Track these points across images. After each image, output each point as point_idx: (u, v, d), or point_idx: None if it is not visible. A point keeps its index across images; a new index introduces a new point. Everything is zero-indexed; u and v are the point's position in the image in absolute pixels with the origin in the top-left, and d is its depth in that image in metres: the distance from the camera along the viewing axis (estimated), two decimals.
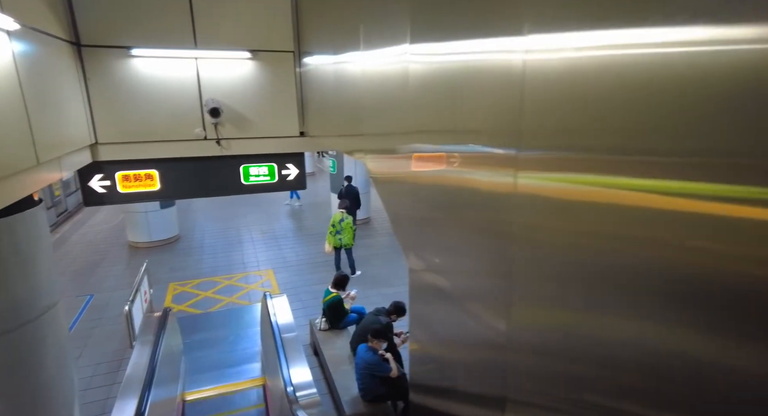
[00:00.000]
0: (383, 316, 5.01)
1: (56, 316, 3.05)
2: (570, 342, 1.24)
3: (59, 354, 3.10)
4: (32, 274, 2.83)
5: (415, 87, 2.07)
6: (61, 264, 8.89)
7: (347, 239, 8.19)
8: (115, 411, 3.52)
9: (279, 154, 4.85)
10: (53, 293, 3.03)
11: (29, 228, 2.82)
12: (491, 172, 1.61)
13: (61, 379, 3.14)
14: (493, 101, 1.49)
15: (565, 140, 1.14)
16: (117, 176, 4.35)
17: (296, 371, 3.97)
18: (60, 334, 3.12)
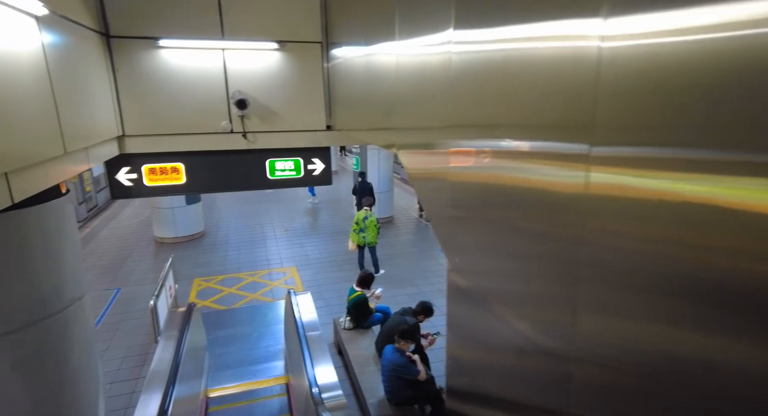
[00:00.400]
0: (410, 316, 4.84)
1: (82, 309, 3.01)
2: (644, 356, 1.07)
3: (85, 347, 3.06)
4: (59, 265, 2.78)
5: (459, 77, 1.89)
6: (91, 258, 9.07)
7: (371, 238, 8.06)
8: (140, 406, 3.47)
9: (305, 148, 4.74)
10: (80, 286, 2.99)
11: (56, 219, 2.78)
12: (556, 169, 1.41)
13: (86, 372, 3.09)
14: (560, 92, 1.29)
15: (649, 135, 0.95)
16: (143, 169, 4.31)
17: (321, 371, 3.84)
18: (86, 327, 3.08)
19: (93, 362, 3.19)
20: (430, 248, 9.70)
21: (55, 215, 2.77)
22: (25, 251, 2.56)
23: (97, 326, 6.36)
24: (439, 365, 5.27)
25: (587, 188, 1.17)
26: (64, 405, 2.91)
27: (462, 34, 1.75)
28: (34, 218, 2.60)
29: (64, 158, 2.72)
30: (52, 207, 2.75)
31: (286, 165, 4.77)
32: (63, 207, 2.87)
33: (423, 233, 10.89)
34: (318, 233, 10.83)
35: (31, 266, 2.58)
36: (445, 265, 6.98)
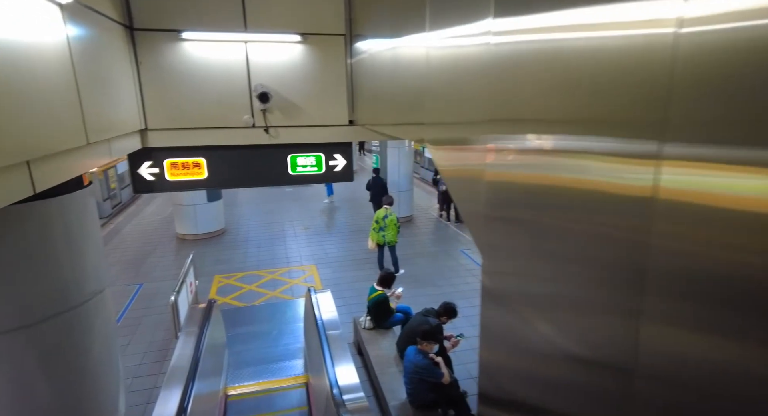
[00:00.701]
0: (432, 317, 4.70)
1: (103, 302, 2.97)
2: (716, 374, 0.92)
3: (106, 341, 3.02)
4: (80, 258, 2.75)
5: (501, 69, 1.73)
6: (114, 254, 9.20)
7: (391, 236, 7.93)
8: (159, 402, 3.43)
9: (327, 144, 4.65)
10: (101, 279, 2.95)
11: (79, 211, 2.74)
12: (619, 168, 1.25)
13: (107, 366, 3.06)
14: (628, 84, 1.14)
15: (733, 132, 0.80)
16: (165, 163, 4.29)
17: (342, 371, 3.74)
18: (107, 321, 3.04)
19: (114, 356, 3.15)
20: (452, 249, 9.52)
21: (77, 206, 2.74)
22: (47, 242, 2.53)
23: (119, 321, 6.41)
24: (461, 368, 5.12)
25: (656, 190, 1.02)
26: (84, 399, 2.88)
27: (503, 23, 1.60)
28: (56, 209, 2.57)
29: (87, 149, 2.68)
30: (75, 199, 2.71)
31: (307, 161, 4.69)
32: (85, 199, 2.83)
33: (443, 233, 10.72)
34: (337, 231, 10.77)
35: (52, 258, 2.55)
36: (466, 266, 6.82)
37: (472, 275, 8.10)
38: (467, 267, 8.48)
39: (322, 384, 3.94)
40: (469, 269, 8.40)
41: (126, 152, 3.69)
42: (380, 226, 7.93)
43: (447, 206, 11.66)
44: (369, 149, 22.37)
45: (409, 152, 11.27)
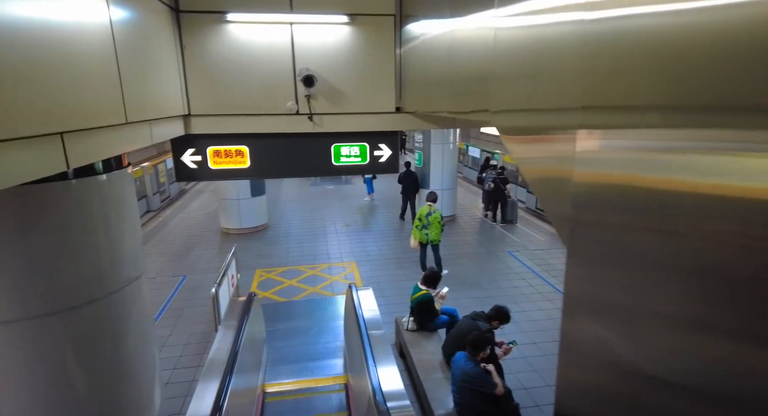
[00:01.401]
0: (482, 321, 4.33)
1: (140, 290, 2.85)
2: None
3: (142, 331, 2.90)
4: (117, 242, 2.63)
5: (598, 49, 1.36)
6: (160, 246, 9.42)
7: (434, 235, 7.58)
8: (196, 396, 3.28)
9: (372, 133, 4.40)
10: (138, 266, 2.83)
11: (117, 193, 2.63)
12: (750, 166, 0.85)
13: (143, 358, 2.94)
14: None
15: None
16: (208, 151, 4.19)
17: (386, 375, 3.45)
18: (143, 310, 2.92)
19: (149, 348, 3.03)
20: (498, 250, 9.04)
21: (116, 188, 2.62)
22: (83, 223, 2.41)
23: (161, 312, 6.47)
24: (512, 378, 4.71)
25: None
26: (119, 392, 2.76)
27: None
28: (93, 190, 2.45)
29: (126, 129, 2.55)
30: (113, 180, 2.60)
31: (351, 151, 4.46)
32: (124, 181, 2.71)
33: (489, 234, 10.23)
34: (377, 229, 10.54)
35: (89, 240, 2.43)
36: (515, 269, 6.30)
37: (521, 279, 7.61)
38: (515, 270, 7.98)
39: (363, 387, 3.68)
40: (518, 272, 7.91)
41: (168, 137, 3.59)
42: (423, 224, 7.60)
43: (493, 205, 11.14)
44: (410, 148, 21.93)
45: (453, 149, 10.86)
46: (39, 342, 2.33)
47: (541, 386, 4.79)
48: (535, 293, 7.04)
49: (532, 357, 5.26)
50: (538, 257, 8.64)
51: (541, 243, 9.55)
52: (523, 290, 7.15)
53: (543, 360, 5.22)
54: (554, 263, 8.31)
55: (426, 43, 3.42)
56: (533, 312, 6.33)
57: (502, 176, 10.99)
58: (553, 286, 7.30)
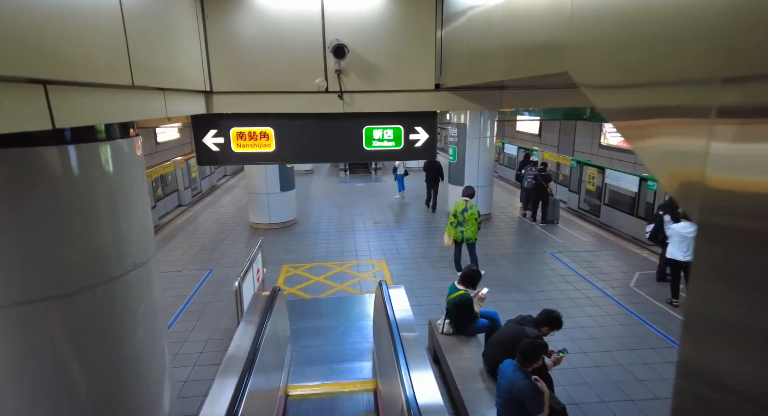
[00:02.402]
0: (530, 327, 3.82)
1: (148, 277, 2.54)
2: None
3: (150, 322, 2.59)
4: (122, 220, 2.32)
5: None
6: (189, 240, 9.33)
7: (470, 233, 7.07)
8: (210, 396, 2.96)
9: (407, 114, 3.99)
10: (145, 249, 2.52)
11: (122, 165, 2.32)
12: None
13: (151, 354, 2.62)
14: None
15: None
16: (232, 133, 3.89)
17: (421, 384, 3.02)
18: (152, 299, 2.61)
19: (159, 343, 2.71)
20: (539, 251, 8.42)
21: (121, 158, 2.32)
22: (81, 195, 2.11)
23: (185, 306, 6.27)
24: (560, 390, 4.18)
25: None
26: (125, 390, 2.45)
27: None
28: (94, 158, 2.15)
29: (132, 94, 2.25)
30: (118, 150, 2.29)
31: (385, 134, 4.06)
32: (131, 153, 2.41)
33: (528, 234, 9.60)
34: (409, 227, 10.10)
35: (87, 215, 2.12)
36: (558, 271, 5.57)
37: (566, 282, 6.99)
38: (559, 272, 7.36)
39: (395, 396, 3.27)
40: (562, 274, 7.28)
41: (187, 113, 3.30)
42: (458, 220, 7.10)
43: (533, 204, 10.49)
44: (441, 147, 21.31)
45: (490, 144, 10.29)
46: (26, 334, 2.04)
47: (594, 401, 4.22)
48: (582, 298, 6.42)
49: (583, 369, 4.69)
50: (583, 259, 7.98)
51: (585, 245, 8.85)
52: (569, 294, 6.54)
53: (595, 372, 4.64)
54: (601, 266, 7.63)
55: (474, 10, 2.96)
56: (581, 317, 5.73)
57: (544, 172, 10.32)
58: (601, 290, 6.65)
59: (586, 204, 10.98)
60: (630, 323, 5.65)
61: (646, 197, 8.77)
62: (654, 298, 6.32)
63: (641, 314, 5.85)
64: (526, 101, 4.05)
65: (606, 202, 10.06)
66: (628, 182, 9.20)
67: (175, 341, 5.32)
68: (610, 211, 9.89)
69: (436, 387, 3.00)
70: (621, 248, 8.62)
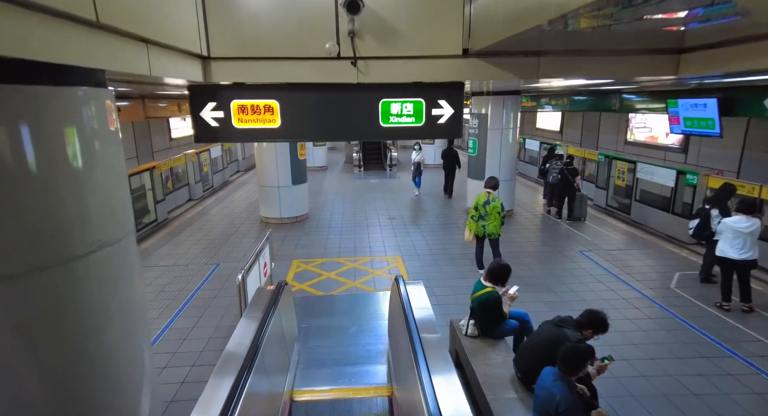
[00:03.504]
0: (571, 329, 3.30)
1: (121, 258, 2.11)
2: None
3: (125, 314, 2.16)
4: (87, 187, 1.90)
5: None
6: (198, 233, 9.00)
7: (493, 228, 6.54)
8: (202, 398, 2.54)
9: (430, 86, 3.52)
10: (119, 225, 2.10)
11: (85, 118, 1.89)
12: None
13: (126, 351, 2.19)
14: None
15: None
16: (232, 106, 3.47)
17: (445, 392, 2.54)
18: (128, 286, 2.18)
19: (137, 341, 2.28)
20: (567, 249, 7.84)
21: (84, 111, 1.89)
22: (39, 147, 1.69)
23: (189, 301, 5.90)
24: (602, 403, 3.63)
25: None
26: (92, 395, 2.02)
27: None
28: (49, 105, 1.73)
29: (100, 36, 1.83)
30: (81, 100, 1.87)
31: (404, 108, 3.59)
32: (100, 104, 1.98)
33: (554, 231, 9.01)
34: (426, 223, 9.60)
35: (37, 178, 1.70)
36: (589, 270, 4.83)
37: (598, 281, 6.41)
38: (590, 271, 6.78)
39: (414, 404, 2.79)
40: (593, 273, 6.70)
41: (179, 77, 2.89)
42: (480, 214, 6.58)
43: (558, 200, 9.87)
44: (457, 146, 20.66)
45: (513, 136, 9.72)
46: None
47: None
48: (618, 299, 5.83)
49: (626, 378, 4.14)
50: (615, 257, 7.36)
51: (616, 243, 8.23)
52: (602, 295, 5.96)
53: (641, 383, 4.07)
54: (636, 266, 7.01)
55: None
56: (619, 321, 5.15)
57: (570, 166, 9.70)
58: (638, 291, 6.05)
59: (614, 201, 10.32)
60: (675, 327, 5.05)
61: (684, 193, 8.10)
62: (700, 301, 5.69)
63: (687, 318, 5.24)
64: (565, 69, 3.54)
65: (637, 198, 9.39)
66: (664, 176, 8.54)
67: (174, 339, 4.94)
68: (642, 208, 9.22)
69: (463, 397, 2.52)
70: (656, 246, 7.97)
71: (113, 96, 2.13)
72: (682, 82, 6.11)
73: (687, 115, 7.42)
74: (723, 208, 5.75)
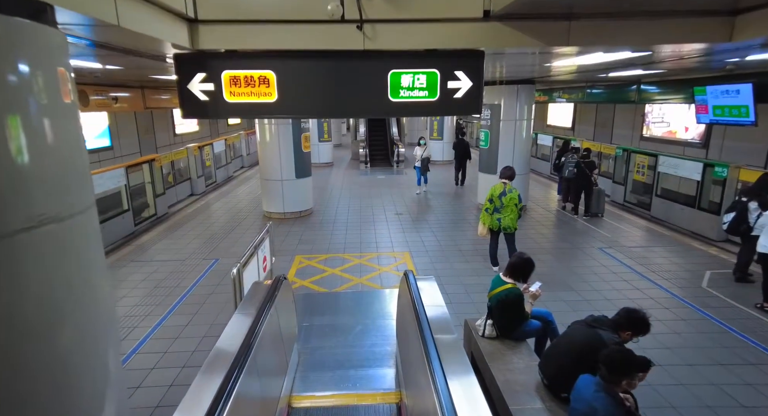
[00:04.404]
0: (607, 331, 2.88)
1: (73, 240, 1.72)
2: None
3: (83, 310, 1.77)
4: (33, 141, 1.51)
5: None
6: (198, 228, 8.67)
7: (508, 221, 6.10)
8: (183, 403, 2.17)
9: (445, 55, 3.12)
10: (72, 197, 1.71)
11: (38, 58, 1.51)
12: None
13: (85, 355, 1.81)
14: None
15: None
16: (224, 77, 3.09)
17: (464, 401, 2.15)
18: (85, 273, 1.79)
19: (97, 345, 1.89)
20: (586, 246, 7.38)
21: (32, 51, 1.51)
22: None
23: (183, 298, 5.54)
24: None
25: None
26: (41, 408, 1.63)
27: None
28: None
29: None
30: (18, 31, 1.48)
31: (416, 80, 3.19)
32: (44, 44, 1.60)
33: (570, 228, 8.55)
34: (435, 219, 9.19)
35: None
36: (611, 268, 4.18)
37: (622, 280, 5.96)
38: (612, 269, 6.32)
39: (428, 414, 2.40)
40: (616, 271, 6.25)
41: (159, 36, 2.51)
42: (495, 206, 6.15)
43: (574, 195, 9.40)
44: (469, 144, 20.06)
45: (527, 128, 9.28)
46: None
47: None
48: (645, 298, 5.38)
49: (663, 387, 3.70)
50: (638, 255, 6.90)
51: (637, 239, 7.76)
52: (628, 294, 5.51)
53: (680, 392, 3.64)
54: (661, 263, 6.55)
55: None
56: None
57: (587, 159, 9.23)
58: (667, 290, 5.60)
59: (633, 196, 9.83)
60: (712, 330, 4.60)
61: (712, 187, 7.61)
62: (737, 301, 5.23)
63: (725, 320, 4.78)
64: (599, 35, 3.11)
65: (659, 193, 8.91)
66: (689, 169, 8.05)
67: (165, 338, 4.59)
68: (664, 203, 8.73)
69: (485, 406, 2.13)
70: (681, 244, 7.49)
71: (66, 41, 1.75)
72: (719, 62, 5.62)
73: (716, 103, 6.94)
74: (763, 200, 5.28)
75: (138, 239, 8.05)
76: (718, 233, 7.36)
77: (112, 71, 5.85)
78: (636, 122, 11.13)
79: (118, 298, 5.53)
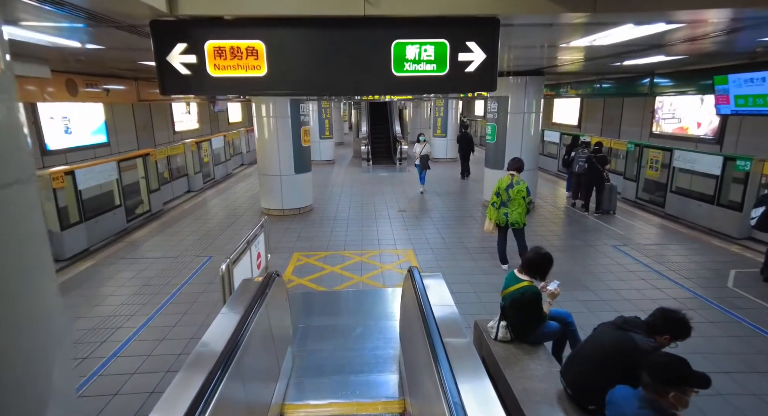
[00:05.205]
0: (639, 334, 2.52)
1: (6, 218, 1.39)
2: None
3: (17, 310, 1.43)
4: None
5: None
6: (194, 224, 8.35)
7: (516, 215, 5.74)
8: (156, 410, 1.85)
9: (455, 22, 2.77)
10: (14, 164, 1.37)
11: None
12: None
13: (20, 364, 1.47)
14: None
15: None
16: (207, 47, 2.76)
17: (479, 412, 1.81)
18: (16, 263, 1.45)
19: (40, 351, 1.55)
20: (598, 244, 7.01)
21: None
22: None
23: (173, 296, 5.21)
24: None
25: None
26: None
27: None
28: None
29: None
30: None
31: (422, 52, 2.84)
32: None
33: (581, 225, 8.17)
34: (439, 216, 8.83)
35: None
36: (627, 266, 3.77)
37: (640, 279, 5.59)
38: (628, 268, 5.95)
39: None
40: (632, 270, 5.88)
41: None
42: (502, 200, 5.79)
43: (585, 191, 9.02)
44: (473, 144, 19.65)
45: (535, 121, 8.92)
46: None
47: None
48: (666, 298, 5.01)
49: (699, 397, 3.32)
50: (655, 253, 6.52)
51: (653, 237, 7.38)
52: (647, 294, 5.15)
53: (717, 403, 3.27)
54: (680, 262, 6.17)
55: None
56: None
57: (599, 153, 8.84)
58: (689, 290, 5.22)
59: (645, 193, 9.45)
60: (745, 334, 4.22)
61: (732, 182, 7.23)
62: (767, 302, 4.85)
63: (758, 323, 4.41)
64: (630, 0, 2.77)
65: (673, 189, 8.52)
66: (707, 164, 7.66)
67: (149, 339, 4.25)
68: (680, 200, 8.35)
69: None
70: (699, 241, 7.11)
71: None
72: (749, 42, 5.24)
73: (739, 92, 6.56)
74: None
75: (130, 235, 7.73)
76: (740, 230, 6.97)
77: (98, 55, 5.53)
78: (645, 118, 10.75)
79: (103, 297, 5.20)
